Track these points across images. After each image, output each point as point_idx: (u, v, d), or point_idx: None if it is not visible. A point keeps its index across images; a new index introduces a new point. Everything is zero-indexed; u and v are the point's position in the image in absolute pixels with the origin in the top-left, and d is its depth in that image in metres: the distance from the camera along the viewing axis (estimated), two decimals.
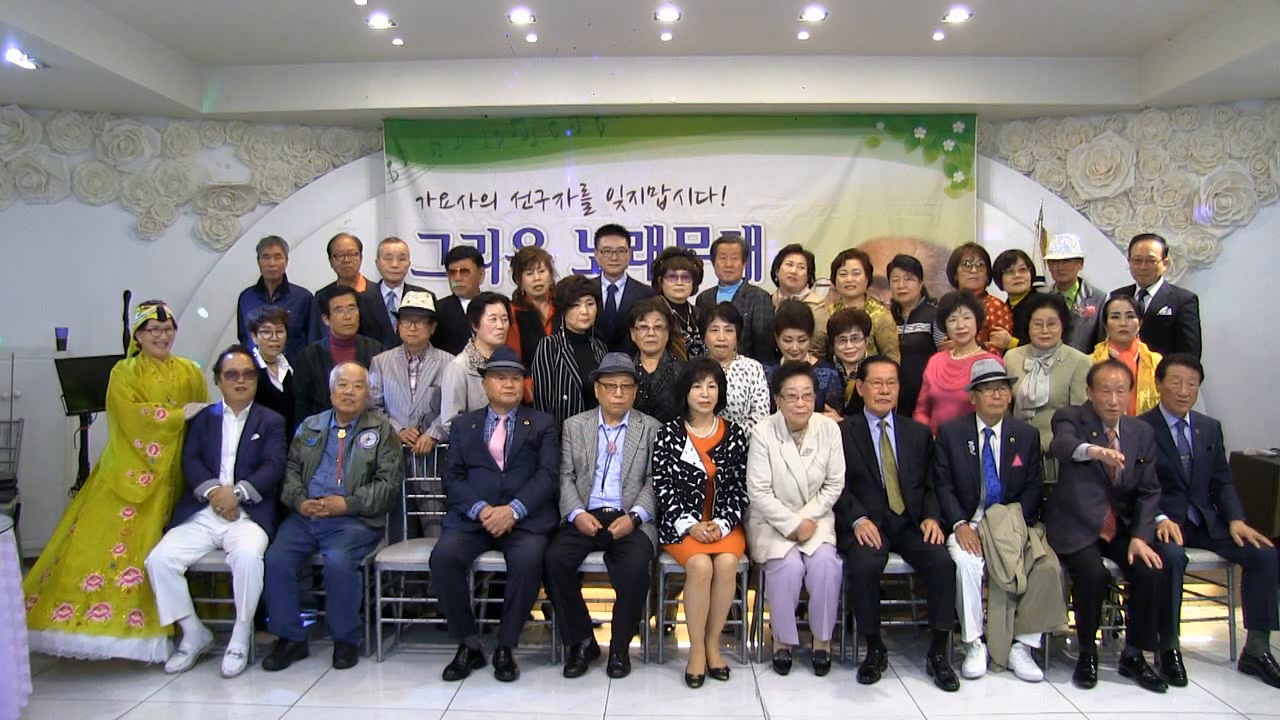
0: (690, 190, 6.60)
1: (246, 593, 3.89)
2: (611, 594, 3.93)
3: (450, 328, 4.66)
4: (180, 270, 6.42)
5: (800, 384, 3.95)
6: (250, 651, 3.95)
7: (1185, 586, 3.91)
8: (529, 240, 6.57)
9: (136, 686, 3.72)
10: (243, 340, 4.90)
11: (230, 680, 3.82)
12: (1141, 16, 5.48)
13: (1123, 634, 4.04)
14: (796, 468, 3.97)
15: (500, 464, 4.06)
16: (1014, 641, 3.84)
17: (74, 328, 5.98)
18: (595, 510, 4.03)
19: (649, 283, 4.90)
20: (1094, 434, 3.88)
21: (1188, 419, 4.10)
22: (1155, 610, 3.72)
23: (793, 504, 3.96)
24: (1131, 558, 3.74)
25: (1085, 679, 3.74)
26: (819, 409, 4.25)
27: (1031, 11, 5.45)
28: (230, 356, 4.22)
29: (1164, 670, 3.78)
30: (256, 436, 4.19)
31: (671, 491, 3.99)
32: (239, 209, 6.63)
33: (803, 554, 3.84)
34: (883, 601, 3.93)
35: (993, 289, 4.98)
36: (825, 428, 4.05)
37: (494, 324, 4.33)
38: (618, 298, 4.83)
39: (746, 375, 4.28)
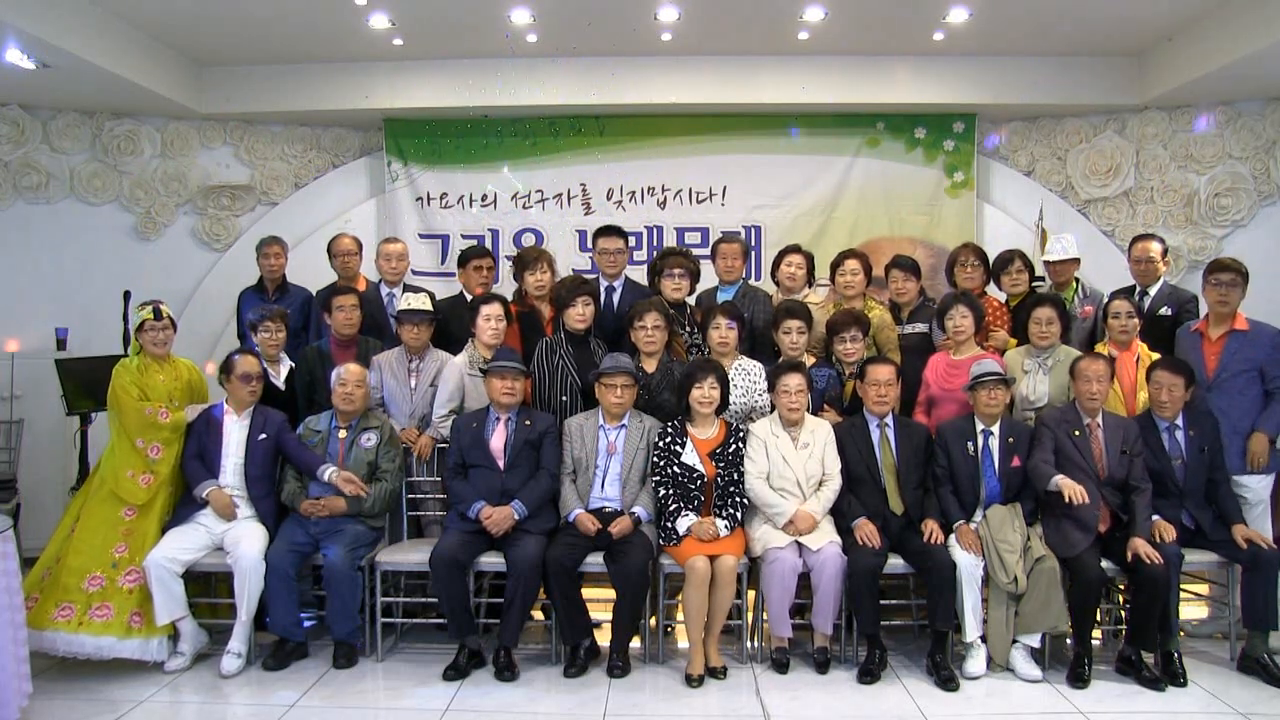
0: (690, 190, 6.60)
1: (248, 592, 3.89)
2: (611, 594, 3.93)
3: (452, 328, 4.66)
4: (180, 270, 6.42)
5: (793, 381, 3.99)
6: (250, 651, 3.95)
7: (1184, 586, 3.91)
8: (529, 240, 6.57)
9: (136, 686, 3.73)
10: (242, 340, 4.89)
11: (230, 680, 3.82)
12: (1141, 16, 5.48)
13: (1122, 633, 4.04)
14: (794, 461, 3.99)
15: (501, 464, 4.06)
16: (1014, 641, 3.84)
17: (74, 328, 5.98)
18: (595, 510, 4.03)
19: (647, 283, 4.90)
20: (1075, 431, 3.93)
21: (1179, 421, 4.08)
22: (1158, 610, 3.71)
23: (792, 499, 3.97)
24: (1130, 556, 3.74)
25: (1078, 679, 3.74)
26: (818, 409, 4.27)
27: (1031, 11, 5.45)
28: (239, 358, 4.20)
29: (1164, 670, 3.78)
30: (263, 436, 4.17)
31: (671, 492, 3.99)
32: (239, 209, 6.62)
33: (805, 549, 3.84)
34: (883, 601, 3.94)
35: (991, 289, 4.97)
36: (818, 427, 4.08)
37: (488, 324, 4.34)
38: (616, 298, 4.83)
39: (749, 375, 4.28)
